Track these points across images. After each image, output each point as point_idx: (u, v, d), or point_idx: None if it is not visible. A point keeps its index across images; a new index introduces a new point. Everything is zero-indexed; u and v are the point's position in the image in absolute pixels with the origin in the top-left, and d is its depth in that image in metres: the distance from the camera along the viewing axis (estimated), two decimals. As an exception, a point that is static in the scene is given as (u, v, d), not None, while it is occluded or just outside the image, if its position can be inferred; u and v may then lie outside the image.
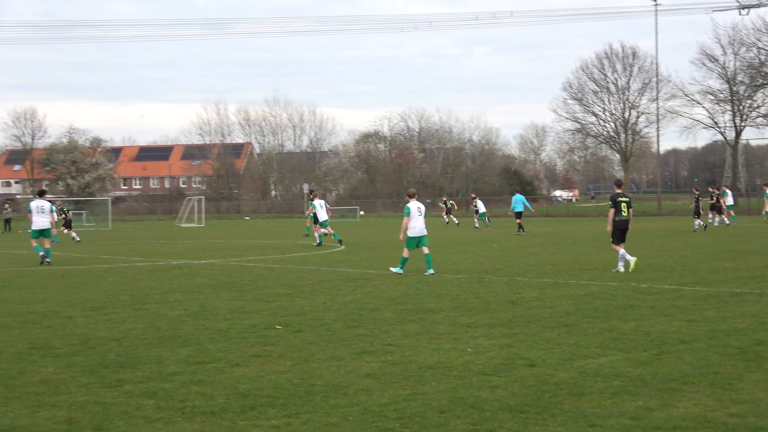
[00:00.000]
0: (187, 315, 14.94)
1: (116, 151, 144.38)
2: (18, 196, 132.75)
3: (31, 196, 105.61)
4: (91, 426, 7.89)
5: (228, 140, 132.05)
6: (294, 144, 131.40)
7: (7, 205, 68.63)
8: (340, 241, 35.79)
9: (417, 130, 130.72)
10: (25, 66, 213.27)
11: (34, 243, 28.51)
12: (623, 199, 22.11)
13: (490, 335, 12.38)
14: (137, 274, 23.22)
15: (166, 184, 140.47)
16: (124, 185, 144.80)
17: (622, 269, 21.41)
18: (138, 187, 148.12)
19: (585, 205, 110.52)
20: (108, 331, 13.27)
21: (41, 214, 27.84)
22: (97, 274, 23.72)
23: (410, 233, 22.29)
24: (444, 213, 64.68)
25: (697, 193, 46.38)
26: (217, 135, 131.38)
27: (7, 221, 65.96)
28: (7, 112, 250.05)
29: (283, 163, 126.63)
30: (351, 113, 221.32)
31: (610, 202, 22.27)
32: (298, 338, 12.34)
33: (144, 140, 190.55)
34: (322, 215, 36.33)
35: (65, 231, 47.37)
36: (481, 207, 56.80)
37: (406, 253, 22.41)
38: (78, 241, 44.78)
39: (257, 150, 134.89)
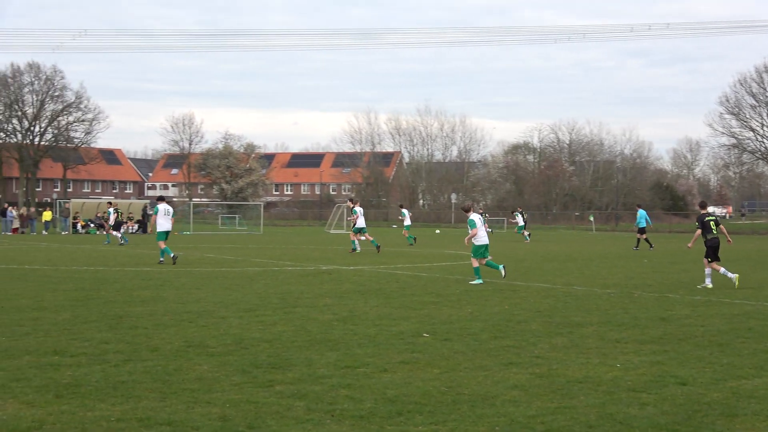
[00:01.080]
0: (337, 319, 15.17)
1: (269, 158, 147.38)
2: (174, 199, 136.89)
3: (186, 200, 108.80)
4: (244, 424, 8.11)
5: (378, 149, 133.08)
6: (443, 154, 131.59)
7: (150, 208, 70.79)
8: (378, 247, 36.79)
9: (567, 142, 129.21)
10: (184, 74, 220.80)
11: (162, 245, 29.77)
12: (710, 218, 22.80)
13: (640, 351, 12.18)
14: (288, 278, 23.67)
15: (317, 191, 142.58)
16: (276, 191, 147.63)
17: (710, 285, 21.88)
18: (289, 192, 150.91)
19: (737, 223, 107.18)
20: (260, 332, 13.59)
21: (166, 217, 29.78)
22: (249, 276, 24.28)
23: (476, 242, 23.19)
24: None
25: None
26: (367, 143, 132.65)
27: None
28: (166, 118, 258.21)
29: (431, 172, 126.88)
30: (501, 124, 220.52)
31: (697, 223, 23.01)
32: (445, 347, 12.39)
33: (296, 147, 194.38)
34: (361, 222, 37.76)
35: (113, 233, 48.61)
36: (520, 220, 57.80)
37: (475, 263, 23.16)
38: (124, 242, 45.93)
39: (406, 159, 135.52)
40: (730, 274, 22.20)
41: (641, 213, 44.80)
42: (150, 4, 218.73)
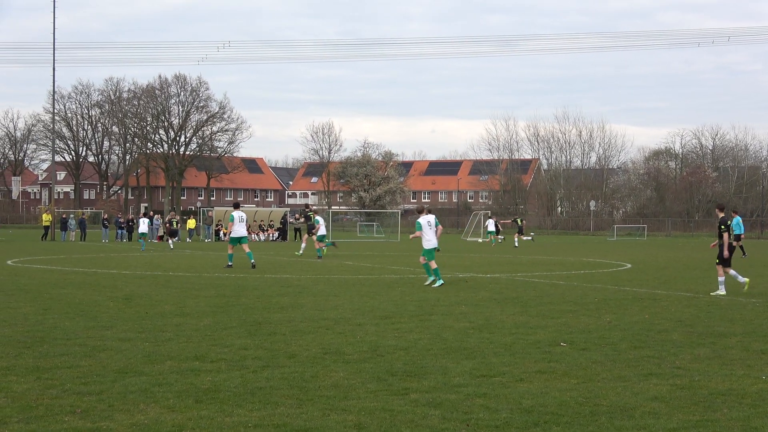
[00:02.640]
0: (473, 327, 15.08)
1: (407, 165, 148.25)
2: (314, 207, 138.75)
3: (326, 208, 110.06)
4: (379, 431, 8.12)
5: (516, 156, 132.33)
6: (582, 160, 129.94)
7: (297, 215, 71.79)
8: (333, 244, 38.16)
9: (710, 148, 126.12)
10: (325, 83, 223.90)
11: (230, 250, 31.44)
12: (729, 222, 22.57)
13: (788, 364, 11.74)
14: (424, 285, 23.66)
15: (454, 199, 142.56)
16: (413, 198, 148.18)
17: (723, 292, 21.57)
18: (426, 200, 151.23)
19: None
20: (396, 339, 13.61)
21: (241, 223, 31.31)
22: (386, 284, 24.39)
23: (426, 246, 24.08)
24: (516, 233, 61.37)
25: None
26: (505, 150, 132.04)
27: (297, 230, 69.30)
28: (306, 127, 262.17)
29: (570, 179, 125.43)
30: (641, 130, 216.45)
31: (723, 226, 22.32)
32: (582, 356, 12.18)
33: (434, 155, 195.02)
34: (322, 230, 38.06)
35: (167, 240, 50.40)
36: (491, 226, 59.19)
37: (427, 262, 24.03)
38: (171, 248, 47.65)
39: (544, 166, 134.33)
40: (741, 278, 22.18)
41: (735, 219, 43.02)
42: (292, 15, 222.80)
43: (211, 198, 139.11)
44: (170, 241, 50.70)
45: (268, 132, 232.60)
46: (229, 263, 30.88)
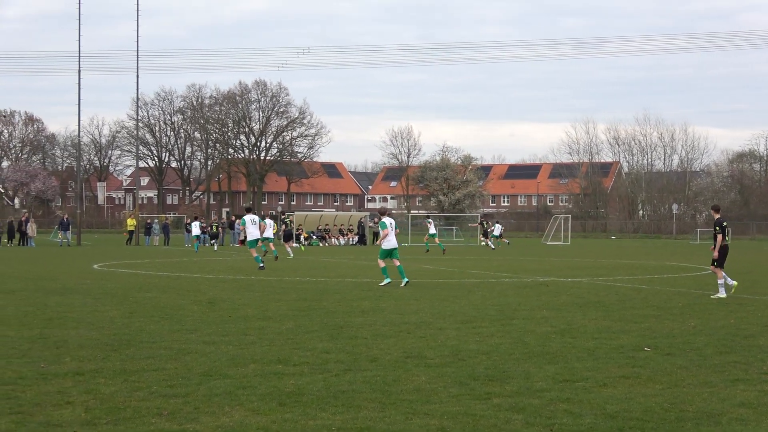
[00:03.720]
0: (554, 332, 14.98)
1: (486, 169, 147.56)
2: (393, 211, 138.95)
3: (405, 212, 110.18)
4: (462, 436, 8.12)
5: (596, 159, 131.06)
6: (663, 163, 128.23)
7: (376, 220, 72.10)
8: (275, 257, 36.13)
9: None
10: (403, 87, 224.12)
11: (254, 253, 32.46)
12: (726, 224, 22.61)
13: None
14: (505, 290, 23.59)
15: (533, 202, 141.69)
16: (493, 202, 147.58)
17: (724, 294, 21.38)
18: (506, 204, 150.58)
19: None
20: (477, 344, 13.58)
21: (254, 225, 32.75)
22: (466, 288, 24.34)
23: (385, 246, 25.19)
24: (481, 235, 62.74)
25: None
26: (585, 154, 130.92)
27: (375, 234, 69.70)
28: (385, 132, 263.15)
29: (651, 182, 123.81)
30: (724, 132, 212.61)
31: (717, 228, 22.23)
32: (667, 362, 12.02)
33: (513, 158, 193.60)
34: (255, 234, 34.71)
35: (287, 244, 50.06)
36: (432, 228, 57.37)
37: (382, 264, 25.13)
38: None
39: (625, 169, 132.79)
40: (730, 281, 22.03)
41: None
42: (369, 20, 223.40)
43: (292, 203, 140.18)
44: (214, 243, 51.36)
45: (347, 137, 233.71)
46: (261, 265, 31.48)
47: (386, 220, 25.64)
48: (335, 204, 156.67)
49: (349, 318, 16.79)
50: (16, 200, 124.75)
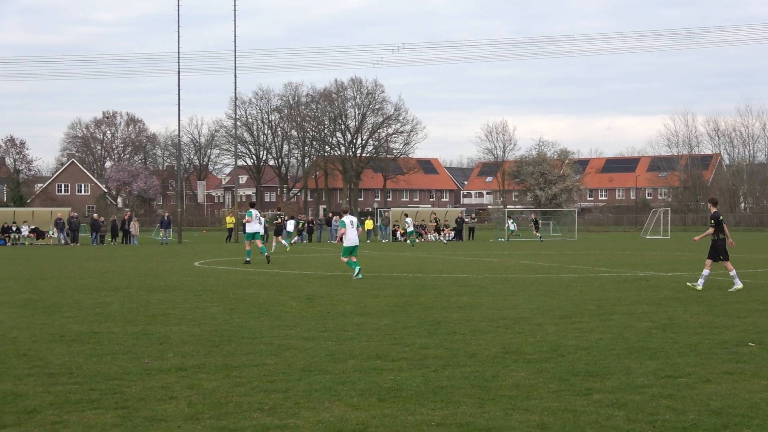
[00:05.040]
0: (655, 327, 14.76)
1: (583, 163, 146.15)
2: (489, 207, 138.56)
3: (501, 207, 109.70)
4: (563, 432, 8.06)
5: (695, 151, 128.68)
6: (766, 155, 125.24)
7: (473, 215, 71.89)
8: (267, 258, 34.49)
9: None
10: (498, 82, 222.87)
11: (248, 246, 33.77)
12: (722, 218, 22.58)
13: None
14: (604, 284, 23.33)
15: (632, 196, 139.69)
16: (590, 196, 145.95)
17: (740, 285, 21.59)
18: (603, 198, 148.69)
19: None
20: (576, 339, 13.46)
21: (258, 220, 33.65)
22: (564, 283, 24.13)
23: (346, 243, 26.23)
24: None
25: None
26: (684, 146, 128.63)
27: (471, 230, 70.08)
28: (480, 127, 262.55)
29: (753, 174, 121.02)
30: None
31: (712, 221, 22.51)
32: (773, 357, 11.76)
33: (610, 152, 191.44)
34: (256, 228, 34.78)
35: (277, 238, 50.48)
36: (410, 225, 58.56)
37: (345, 260, 26.36)
38: (287, 247, 48.19)
39: (726, 161, 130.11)
40: (701, 280, 21.95)
41: None
42: (464, 16, 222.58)
43: (388, 199, 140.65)
44: (282, 240, 51.83)
45: (442, 132, 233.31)
46: (247, 259, 33.40)
47: (346, 218, 26.70)
48: (431, 200, 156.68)
49: (447, 313, 16.78)
50: (119, 199, 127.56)
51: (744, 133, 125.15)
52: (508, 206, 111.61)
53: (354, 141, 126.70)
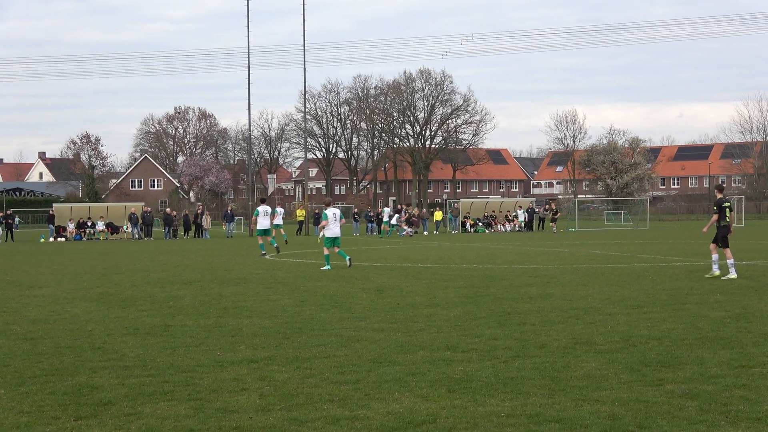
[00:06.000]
0: (729, 316, 14.56)
1: (655, 151, 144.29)
2: (560, 196, 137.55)
3: (572, 196, 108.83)
4: (634, 423, 7.98)
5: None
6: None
7: (546, 206, 71.35)
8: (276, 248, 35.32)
9: None
10: (567, 72, 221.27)
11: (260, 240, 34.91)
12: (727, 204, 22.33)
13: None
14: (676, 274, 23.06)
15: (705, 184, 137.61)
16: (662, 185, 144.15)
17: (734, 275, 21.36)
18: (676, 186, 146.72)
19: None
20: (648, 329, 13.33)
21: (266, 217, 34.75)
22: (636, 272, 23.89)
23: (328, 234, 26.99)
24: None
25: None
26: (759, 132, 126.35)
27: (542, 220, 69.13)
28: (550, 116, 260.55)
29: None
30: None
31: (715, 207, 22.43)
32: None
33: (682, 140, 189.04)
34: (265, 224, 35.28)
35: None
36: (385, 216, 58.65)
37: (326, 251, 26.80)
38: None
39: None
40: (716, 269, 21.92)
41: None
42: (532, 5, 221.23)
43: (457, 190, 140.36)
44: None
45: (511, 123, 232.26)
46: (263, 252, 34.42)
47: (328, 211, 27.46)
48: (500, 190, 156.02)
49: (517, 304, 16.73)
50: (191, 194, 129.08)
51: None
52: (578, 195, 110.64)
53: (423, 132, 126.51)
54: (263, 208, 35.16)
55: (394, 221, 60.12)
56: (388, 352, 11.63)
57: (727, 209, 22.38)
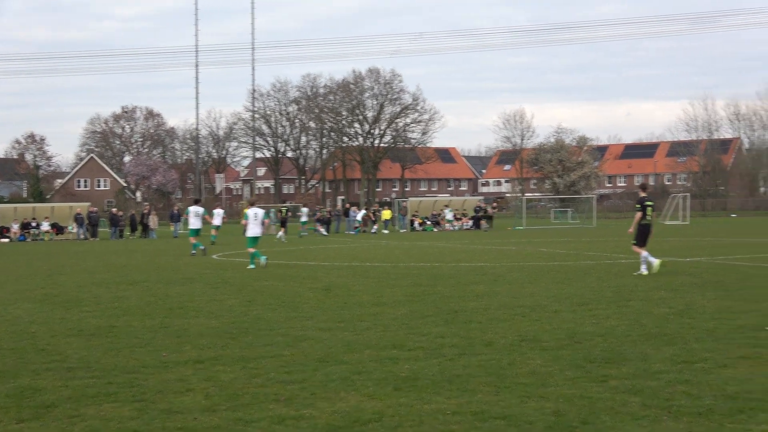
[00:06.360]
0: (672, 313, 14.73)
1: (602, 150, 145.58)
2: (508, 195, 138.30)
3: (519, 195, 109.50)
4: (578, 419, 8.05)
5: (715, 136, 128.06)
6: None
7: (494, 204, 71.62)
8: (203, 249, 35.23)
9: None
10: (516, 70, 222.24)
11: (193, 240, 35.34)
12: (649, 203, 22.56)
13: None
14: (621, 271, 23.29)
15: (651, 182, 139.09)
16: (609, 183, 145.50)
17: (645, 272, 21.71)
18: (622, 184, 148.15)
19: None
20: (593, 326, 13.45)
21: (197, 218, 35.62)
22: (582, 270, 24.10)
23: (248, 234, 27.36)
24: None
25: None
26: (704, 131, 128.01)
27: (489, 219, 69.51)
28: (498, 115, 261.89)
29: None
30: None
31: (637, 206, 22.70)
32: (790, 341, 11.72)
33: (629, 138, 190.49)
34: (197, 224, 36.33)
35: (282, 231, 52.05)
36: (304, 216, 59.86)
37: (250, 251, 27.08)
38: (284, 241, 48.69)
39: (746, 145, 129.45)
40: (652, 259, 22.04)
41: None
42: (482, 4, 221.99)
43: (406, 189, 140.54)
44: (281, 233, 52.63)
45: (460, 121, 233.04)
46: (193, 251, 34.68)
47: (249, 211, 27.83)
48: (449, 189, 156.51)
49: (464, 302, 16.79)
50: (138, 193, 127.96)
51: (764, 117, 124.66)
52: (526, 194, 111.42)
53: (372, 131, 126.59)
54: (194, 209, 35.88)
55: (360, 217, 61.09)
56: (334, 351, 11.62)
57: (649, 208, 22.64)
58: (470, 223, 66.67)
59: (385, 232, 62.17)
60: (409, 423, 8.05)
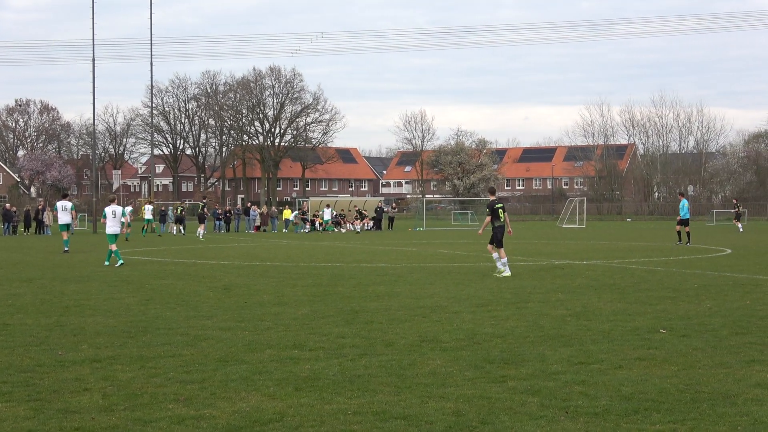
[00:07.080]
0: (570, 315, 14.98)
1: (501, 153, 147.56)
2: (408, 196, 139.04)
3: (420, 196, 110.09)
4: (477, 419, 8.12)
5: (611, 141, 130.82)
6: (679, 145, 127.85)
7: (394, 205, 71.98)
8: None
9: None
10: (417, 72, 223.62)
11: (65, 236, 35.38)
12: (499, 205, 23.56)
13: None
14: (520, 273, 23.59)
15: (549, 185, 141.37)
16: (508, 186, 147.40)
17: (508, 272, 22.62)
18: (521, 187, 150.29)
19: None
20: (492, 327, 13.59)
21: (64, 212, 35.16)
22: (481, 271, 24.36)
23: (107, 231, 27.73)
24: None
25: None
26: (600, 136, 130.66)
27: (391, 219, 69.91)
28: (399, 117, 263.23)
29: (667, 164, 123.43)
30: (739, 113, 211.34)
31: (488, 210, 23.68)
32: (682, 343, 12.00)
33: (527, 142, 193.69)
34: (66, 219, 35.92)
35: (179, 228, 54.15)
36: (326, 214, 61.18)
37: (113, 247, 27.28)
38: (202, 239, 48.93)
39: (641, 151, 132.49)
40: (500, 266, 22.81)
41: (683, 203, 39.83)
42: (384, 5, 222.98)
43: (306, 188, 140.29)
44: (180, 228, 52.58)
45: (361, 122, 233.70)
46: (66, 249, 34.92)
47: (107, 209, 28.22)
48: (350, 189, 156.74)
49: (365, 303, 16.83)
50: (33, 189, 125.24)
51: (658, 124, 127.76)
52: (426, 195, 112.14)
53: (272, 130, 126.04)
54: (62, 204, 35.48)
55: (293, 217, 61.36)
56: (234, 351, 11.54)
57: (500, 210, 23.39)
58: (371, 223, 66.84)
59: (285, 231, 61.98)
60: (310, 423, 8.03)
